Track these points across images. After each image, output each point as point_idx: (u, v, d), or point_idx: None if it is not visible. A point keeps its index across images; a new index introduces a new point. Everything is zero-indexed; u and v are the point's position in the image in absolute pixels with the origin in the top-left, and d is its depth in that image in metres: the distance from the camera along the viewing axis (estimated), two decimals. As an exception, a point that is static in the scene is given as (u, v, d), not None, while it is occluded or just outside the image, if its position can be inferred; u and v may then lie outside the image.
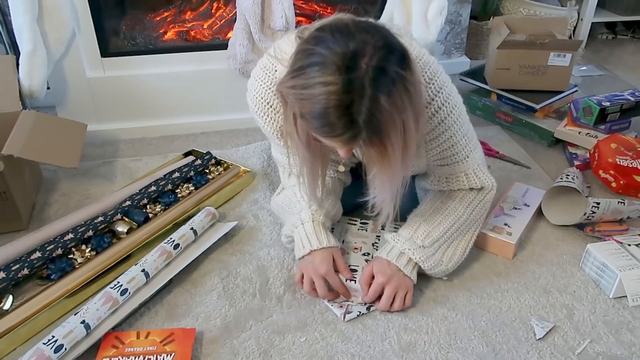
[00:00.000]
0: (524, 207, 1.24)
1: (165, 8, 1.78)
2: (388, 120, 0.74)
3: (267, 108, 0.99)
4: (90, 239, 1.12)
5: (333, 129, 0.74)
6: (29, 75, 1.36)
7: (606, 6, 2.51)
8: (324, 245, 0.99)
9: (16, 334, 0.92)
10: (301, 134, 0.83)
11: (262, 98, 0.98)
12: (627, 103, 1.54)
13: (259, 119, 1.02)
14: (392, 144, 0.77)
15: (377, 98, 0.72)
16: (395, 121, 0.75)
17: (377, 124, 0.74)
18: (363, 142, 0.77)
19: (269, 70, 0.97)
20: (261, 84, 0.98)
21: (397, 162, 0.79)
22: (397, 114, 0.74)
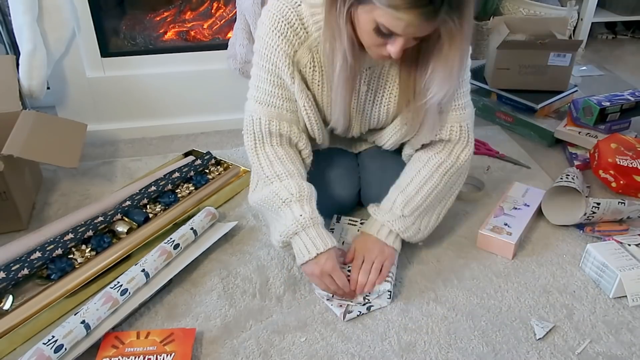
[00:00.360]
0: (524, 207, 1.24)
1: (165, 8, 1.78)
2: None
3: (287, 28, 0.96)
4: (90, 239, 1.12)
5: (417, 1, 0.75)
6: (29, 75, 1.36)
7: (606, 6, 2.51)
8: (329, 246, 0.97)
9: (16, 334, 0.92)
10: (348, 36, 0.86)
11: (283, 16, 0.95)
12: (627, 103, 1.54)
13: (273, 40, 0.97)
14: (469, 19, 0.81)
15: None
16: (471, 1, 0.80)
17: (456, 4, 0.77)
18: (445, 14, 0.78)
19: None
20: (284, 2, 0.95)
21: (468, 41, 0.84)
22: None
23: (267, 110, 1.02)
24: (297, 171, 1.03)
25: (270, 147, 1.05)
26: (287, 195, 0.99)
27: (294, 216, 0.97)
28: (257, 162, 1.05)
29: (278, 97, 1.01)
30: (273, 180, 1.02)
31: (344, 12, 0.84)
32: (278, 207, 0.99)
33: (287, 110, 1.03)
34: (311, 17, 0.95)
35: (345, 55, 0.89)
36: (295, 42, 0.97)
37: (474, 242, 1.18)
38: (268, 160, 1.04)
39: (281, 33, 0.96)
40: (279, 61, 0.98)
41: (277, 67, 0.98)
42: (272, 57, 0.98)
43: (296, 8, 0.95)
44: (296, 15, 0.95)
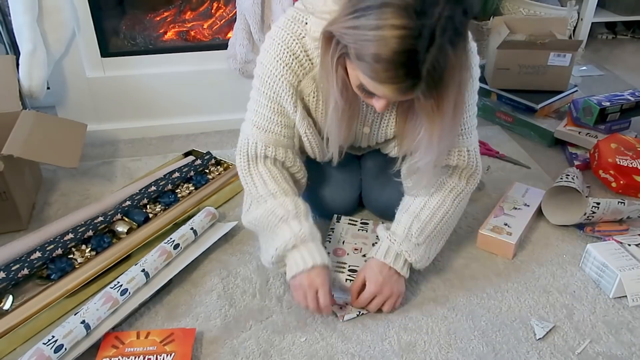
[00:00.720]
0: (524, 207, 1.24)
1: (165, 8, 1.78)
2: (449, 73, 0.73)
3: (292, 59, 0.94)
4: (90, 239, 1.12)
5: (395, 74, 0.73)
6: (29, 75, 1.35)
7: (606, 6, 2.51)
8: (325, 262, 0.95)
9: (16, 334, 0.92)
10: (338, 79, 0.83)
11: (288, 47, 0.93)
12: (627, 103, 1.54)
13: (277, 69, 0.94)
14: (449, 98, 0.76)
15: (445, 49, 0.71)
16: (455, 76, 0.74)
17: (439, 75, 0.72)
18: (421, 93, 0.75)
19: (299, 21, 0.93)
20: (289, 34, 0.93)
21: (449, 119, 0.79)
22: (458, 69, 0.74)
23: (264, 135, 1.00)
24: (291, 190, 1.02)
25: (264, 167, 1.03)
26: (284, 212, 0.97)
27: (293, 232, 0.95)
28: (251, 182, 1.03)
29: (277, 124, 1.00)
30: (267, 198, 1.00)
31: (335, 58, 0.82)
32: (275, 224, 0.97)
33: (284, 137, 1.02)
34: (315, 49, 0.93)
35: (336, 98, 0.87)
36: (299, 73, 0.95)
37: (474, 242, 1.18)
38: (262, 179, 1.02)
39: (286, 64, 0.94)
40: (282, 91, 0.96)
41: (279, 95, 0.97)
42: (274, 86, 0.96)
43: (301, 40, 0.93)
44: (301, 46, 0.93)
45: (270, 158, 1.02)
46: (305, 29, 0.93)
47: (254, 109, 1.01)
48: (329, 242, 1.12)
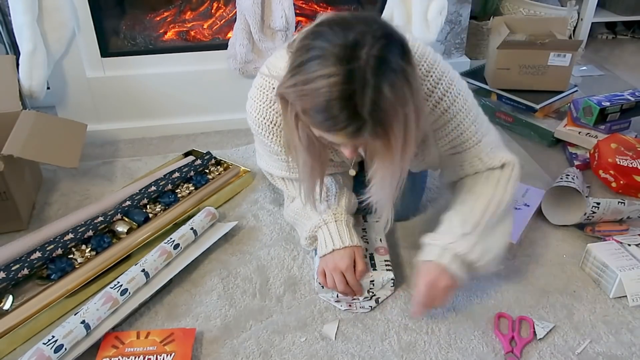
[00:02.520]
0: (524, 207, 1.24)
1: (165, 8, 1.78)
2: (391, 111, 0.73)
3: (272, 127, 0.99)
4: (90, 239, 1.12)
5: (336, 121, 0.73)
6: (29, 75, 1.36)
7: (606, 6, 2.51)
8: (346, 244, 0.99)
9: (16, 334, 0.92)
10: (302, 135, 0.83)
11: (264, 118, 0.99)
12: (627, 103, 1.54)
13: (265, 139, 1.02)
14: (395, 135, 0.75)
15: (380, 88, 0.70)
16: (398, 112, 0.74)
17: (381, 114, 0.72)
18: (368, 134, 0.75)
19: (266, 89, 0.96)
20: (261, 104, 0.98)
21: (398, 156, 0.78)
22: (399, 105, 0.73)
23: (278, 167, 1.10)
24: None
25: None
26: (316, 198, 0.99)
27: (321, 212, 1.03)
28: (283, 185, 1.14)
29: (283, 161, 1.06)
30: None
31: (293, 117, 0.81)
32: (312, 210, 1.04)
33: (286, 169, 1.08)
34: None
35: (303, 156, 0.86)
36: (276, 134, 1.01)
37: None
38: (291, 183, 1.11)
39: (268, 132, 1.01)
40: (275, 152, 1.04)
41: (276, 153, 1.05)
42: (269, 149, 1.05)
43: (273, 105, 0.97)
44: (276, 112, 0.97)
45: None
46: (273, 94, 0.95)
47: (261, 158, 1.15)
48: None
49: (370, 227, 1.17)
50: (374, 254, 1.09)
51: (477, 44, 2.20)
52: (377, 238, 1.13)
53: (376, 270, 1.04)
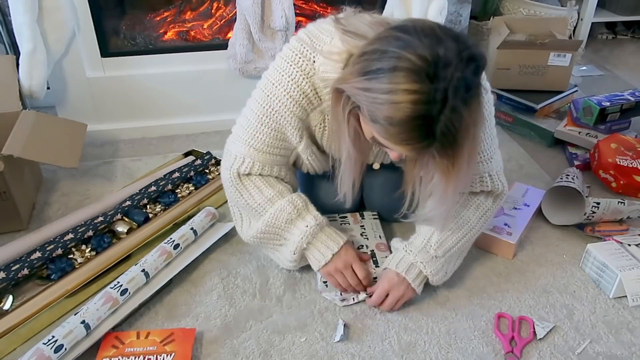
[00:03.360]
0: (524, 207, 1.24)
1: (165, 8, 1.78)
2: (464, 132, 0.73)
3: (302, 97, 0.92)
4: (90, 239, 1.12)
5: (409, 137, 0.73)
6: (29, 75, 1.36)
7: (606, 6, 2.51)
8: (341, 244, 0.99)
9: (16, 334, 0.92)
10: (350, 130, 0.83)
11: (297, 85, 0.91)
12: (627, 103, 1.54)
13: (284, 105, 0.93)
14: (464, 154, 0.76)
15: (459, 110, 0.70)
16: (470, 132, 0.74)
17: (454, 135, 0.72)
18: (436, 152, 0.75)
19: (306, 58, 0.90)
20: (298, 71, 0.91)
21: (464, 173, 0.79)
22: (472, 125, 0.74)
23: (262, 156, 0.99)
24: (286, 188, 1.02)
25: (257, 177, 1.02)
26: (286, 215, 0.98)
27: (301, 230, 0.98)
28: (246, 193, 1.01)
29: (277, 147, 0.99)
30: (266, 207, 1.00)
31: (347, 112, 0.81)
32: (283, 229, 1.00)
33: (282, 156, 1.02)
34: (324, 89, 0.92)
35: (349, 149, 0.87)
36: (308, 108, 0.95)
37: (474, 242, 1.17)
38: (256, 187, 1.01)
39: (296, 101, 0.93)
40: (288, 124, 0.96)
41: (284, 127, 0.96)
42: (280, 119, 0.95)
43: (310, 78, 0.91)
44: (311, 85, 0.92)
45: (264, 175, 1.02)
46: (313, 68, 0.90)
47: (252, 133, 0.98)
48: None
49: (368, 224, 1.17)
50: (374, 251, 1.09)
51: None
52: (376, 235, 1.14)
53: (378, 267, 1.04)
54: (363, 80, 0.73)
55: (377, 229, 1.16)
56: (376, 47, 0.73)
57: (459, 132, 0.72)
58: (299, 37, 0.92)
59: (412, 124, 0.71)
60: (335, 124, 0.87)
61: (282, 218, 0.99)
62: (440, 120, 0.70)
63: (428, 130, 0.71)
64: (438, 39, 0.70)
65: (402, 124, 0.71)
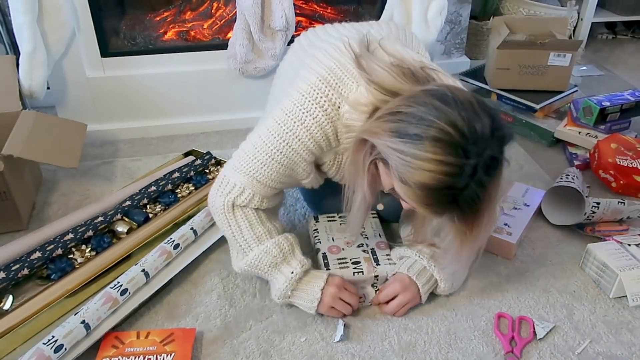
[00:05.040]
0: (524, 207, 1.24)
1: (165, 8, 1.78)
2: (486, 202, 0.77)
3: (322, 139, 0.91)
4: (90, 239, 1.12)
5: (434, 202, 0.76)
6: (29, 75, 1.35)
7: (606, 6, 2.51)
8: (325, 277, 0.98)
9: (16, 334, 0.92)
10: (368, 178, 0.85)
11: (320, 128, 0.90)
12: (627, 103, 1.54)
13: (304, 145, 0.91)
14: (482, 222, 0.79)
15: (485, 184, 0.74)
16: (491, 201, 0.78)
17: (476, 204, 0.76)
18: (456, 217, 0.78)
19: (331, 103, 0.89)
20: (322, 114, 0.89)
21: (481, 237, 0.82)
22: (494, 195, 0.78)
23: (264, 189, 0.96)
24: (274, 229, 1.00)
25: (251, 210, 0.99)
26: (271, 259, 0.97)
27: (286, 277, 0.97)
28: (236, 226, 0.98)
29: (282, 182, 0.97)
30: (252, 245, 0.98)
31: (369, 161, 0.83)
32: (266, 272, 0.98)
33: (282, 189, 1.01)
34: (345, 134, 0.92)
35: (365, 193, 0.89)
36: (325, 149, 0.94)
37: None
38: (247, 222, 0.98)
39: (316, 142, 0.91)
40: (302, 161, 0.94)
41: (297, 164, 0.95)
42: (294, 157, 0.93)
43: (334, 123, 0.90)
44: (333, 129, 0.91)
45: (261, 208, 1.00)
46: (338, 113, 0.89)
47: (258, 165, 0.94)
48: (319, 243, 1.11)
49: (368, 223, 1.18)
50: (375, 249, 1.09)
51: (477, 44, 2.20)
52: (376, 234, 1.14)
53: (379, 265, 1.04)
54: (398, 142, 0.75)
55: (376, 227, 1.16)
56: (413, 112, 0.75)
57: (481, 202, 0.76)
58: (322, 76, 0.89)
59: (440, 193, 0.74)
60: (353, 169, 0.88)
61: (267, 261, 0.97)
62: (466, 194, 0.74)
63: (453, 199, 0.75)
64: (475, 114, 0.73)
65: (431, 191, 0.74)
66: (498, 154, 0.75)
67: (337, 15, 1.87)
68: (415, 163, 0.73)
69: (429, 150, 0.72)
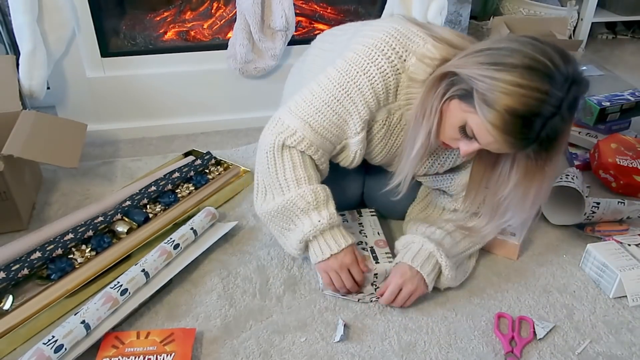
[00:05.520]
0: (524, 207, 1.24)
1: (165, 8, 1.78)
2: (560, 143, 0.83)
3: (382, 91, 0.94)
4: (90, 239, 1.12)
5: (520, 130, 0.79)
6: (29, 75, 1.35)
7: (606, 6, 2.51)
8: (342, 247, 0.98)
9: (16, 334, 0.92)
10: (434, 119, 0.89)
11: (383, 79, 0.93)
12: (627, 103, 1.54)
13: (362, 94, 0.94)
14: (552, 165, 0.85)
15: (566, 120, 0.80)
16: (563, 146, 0.84)
17: (553, 142, 0.82)
18: (533, 154, 0.84)
19: (398, 55, 0.93)
20: (387, 65, 0.92)
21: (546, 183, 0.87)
22: (565, 140, 0.84)
23: (314, 136, 0.98)
24: (315, 177, 1.01)
25: (297, 152, 0.99)
26: (305, 204, 0.97)
27: (312, 223, 0.97)
28: (280, 164, 0.98)
29: (332, 134, 0.99)
30: (290, 187, 0.98)
31: (441, 98, 0.87)
32: (295, 215, 0.99)
33: (331, 143, 1.01)
34: (406, 88, 0.95)
35: (429, 134, 0.91)
36: (382, 103, 0.97)
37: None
38: (292, 163, 0.98)
39: (375, 92, 0.94)
40: (357, 113, 0.96)
41: (351, 115, 0.96)
42: (350, 107, 0.96)
43: (397, 75, 0.94)
44: (395, 81, 0.94)
45: (306, 154, 1.00)
46: (403, 66, 0.93)
47: (314, 111, 0.96)
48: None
49: (367, 221, 1.18)
50: (374, 247, 1.09)
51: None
52: (374, 232, 1.14)
53: (378, 263, 1.04)
54: (491, 69, 0.79)
55: (375, 226, 1.16)
56: (505, 47, 0.80)
57: (557, 141, 0.82)
58: (388, 32, 0.93)
59: (528, 119, 0.78)
60: (421, 111, 0.90)
61: (301, 205, 0.97)
62: (546, 125, 0.78)
63: (536, 130, 0.79)
64: (567, 57, 0.79)
65: (520, 116, 0.77)
66: (580, 97, 0.80)
67: (337, 15, 1.87)
68: (507, 88, 0.77)
69: (524, 76, 0.76)
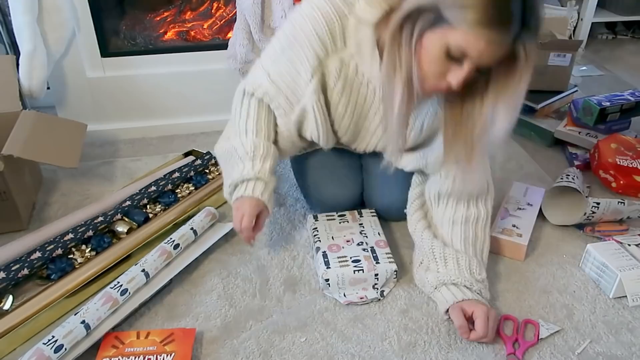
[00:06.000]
0: (527, 206, 1.24)
1: (165, 8, 1.78)
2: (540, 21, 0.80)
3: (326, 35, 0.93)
4: (90, 239, 1.12)
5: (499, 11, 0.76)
6: (29, 75, 1.35)
7: (606, 6, 2.51)
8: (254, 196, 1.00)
9: (16, 334, 0.92)
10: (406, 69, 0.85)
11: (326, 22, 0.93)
12: (627, 103, 1.54)
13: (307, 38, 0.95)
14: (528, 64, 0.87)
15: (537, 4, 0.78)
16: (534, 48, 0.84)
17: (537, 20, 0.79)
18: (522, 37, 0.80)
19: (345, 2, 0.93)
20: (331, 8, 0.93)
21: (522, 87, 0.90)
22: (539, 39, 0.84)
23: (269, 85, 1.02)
24: (264, 132, 1.05)
25: (256, 103, 1.06)
26: (243, 152, 1.02)
27: (243, 170, 1.01)
28: (239, 110, 1.08)
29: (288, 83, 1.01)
30: (241, 133, 1.05)
31: (411, 42, 0.83)
32: (234, 161, 1.04)
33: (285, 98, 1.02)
34: (355, 32, 0.93)
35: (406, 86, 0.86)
36: (329, 49, 0.95)
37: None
38: (247, 112, 1.06)
39: (319, 36, 0.94)
40: (305, 57, 0.96)
41: (300, 59, 0.97)
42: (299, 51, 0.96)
43: (342, 19, 0.93)
44: (340, 25, 0.93)
45: (264, 102, 1.05)
46: (350, 10, 0.93)
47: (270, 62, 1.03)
48: (319, 241, 1.11)
49: (367, 221, 1.18)
50: (374, 247, 1.09)
51: None
52: (375, 232, 1.14)
53: (379, 264, 1.04)
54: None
55: (375, 226, 1.16)
56: None
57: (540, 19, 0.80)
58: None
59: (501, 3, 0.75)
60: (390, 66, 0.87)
61: (240, 152, 1.03)
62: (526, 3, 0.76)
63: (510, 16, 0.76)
64: None
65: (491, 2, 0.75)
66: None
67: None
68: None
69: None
